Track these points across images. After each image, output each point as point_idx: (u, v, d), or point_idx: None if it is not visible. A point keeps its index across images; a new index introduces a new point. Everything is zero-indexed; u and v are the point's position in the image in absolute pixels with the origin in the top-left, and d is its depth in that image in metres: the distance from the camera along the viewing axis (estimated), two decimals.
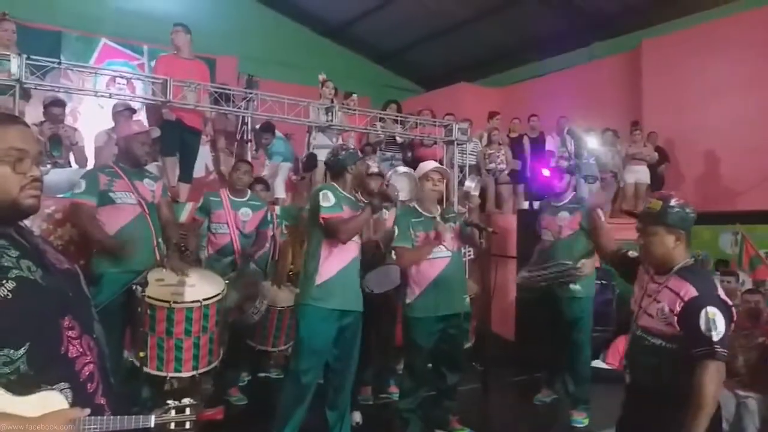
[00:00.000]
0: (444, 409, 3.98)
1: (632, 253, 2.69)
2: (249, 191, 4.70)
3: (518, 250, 6.15)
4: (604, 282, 5.80)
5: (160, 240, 3.83)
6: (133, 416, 1.49)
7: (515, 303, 6.25)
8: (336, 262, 3.35)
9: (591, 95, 10.44)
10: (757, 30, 8.76)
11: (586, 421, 4.36)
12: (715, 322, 2.22)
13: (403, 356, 4.14)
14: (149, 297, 3.48)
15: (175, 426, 1.54)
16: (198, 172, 6.21)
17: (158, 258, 3.78)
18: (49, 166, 5.05)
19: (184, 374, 3.60)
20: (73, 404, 1.43)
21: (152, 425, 1.51)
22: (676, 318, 2.30)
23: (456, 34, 12.20)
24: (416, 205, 3.80)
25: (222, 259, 4.48)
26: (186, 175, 5.65)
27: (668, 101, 9.55)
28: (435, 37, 12.48)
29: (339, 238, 3.28)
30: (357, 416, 4.06)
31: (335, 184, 3.47)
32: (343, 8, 12.31)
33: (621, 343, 5.41)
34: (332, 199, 3.30)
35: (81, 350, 1.50)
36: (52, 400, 1.39)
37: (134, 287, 3.51)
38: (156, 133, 4.72)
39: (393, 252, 3.89)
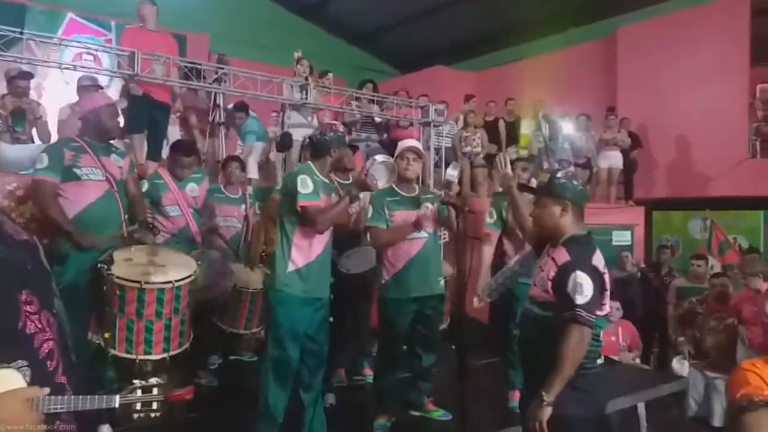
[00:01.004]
0: (419, 390, 3.94)
1: None
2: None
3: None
4: None
5: (127, 218, 3.70)
6: (96, 396, 1.41)
7: None
8: (310, 248, 3.25)
9: (567, 81, 10.46)
10: (732, 19, 8.86)
11: None
12: (582, 286, 2.26)
13: (377, 338, 4.09)
14: (118, 277, 3.36)
15: (142, 406, 1.46)
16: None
17: (125, 236, 3.65)
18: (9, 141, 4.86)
19: (155, 357, 3.49)
20: (31, 383, 1.35)
21: (116, 405, 1.42)
22: (550, 283, 2.37)
23: (433, 17, 12.10)
24: (393, 185, 3.73)
25: (180, 242, 4.29)
26: (154, 152, 5.47)
27: (642, 88, 9.63)
28: (412, 19, 12.35)
29: (316, 229, 3.18)
30: (331, 398, 4.01)
31: (313, 167, 3.34)
32: None
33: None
34: (310, 186, 3.18)
35: (40, 326, 1.41)
36: (8, 379, 1.30)
37: (100, 266, 3.37)
38: (123, 104, 4.55)
39: (367, 232, 3.81)
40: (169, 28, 5.85)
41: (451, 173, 3.79)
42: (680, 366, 5.46)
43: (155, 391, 1.47)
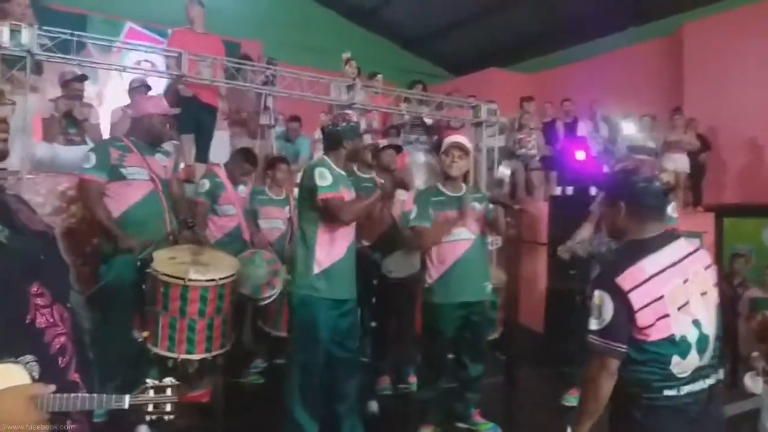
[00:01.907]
0: (466, 401, 3.75)
1: None
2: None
3: (549, 237, 5.88)
4: None
5: (171, 217, 3.69)
6: (105, 396, 1.31)
7: (546, 293, 5.97)
8: (334, 247, 3.09)
9: (627, 81, 10.01)
10: None
11: None
12: (599, 309, 1.92)
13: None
14: (164, 274, 3.34)
15: (154, 408, 1.35)
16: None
17: (169, 235, 3.64)
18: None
19: (197, 356, 3.45)
20: (40, 379, 1.26)
21: (126, 406, 1.32)
22: None
23: (487, 19, 11.83)
24: (438, 184, 3.55)
25: (230, 243, 4.32)
26: (202, 154, 5.50)
27: (711, 87, 9.09)
28: (465, 22, 12.12)
29: (341, 220, 3.02)
30: (374, 406, 3.87)
31: (328, 160, 3.19)
32: None
33: None
34: (329, 178, 3.03)
35: (51, 320, 1.33)
36: (10, 375, 1.21)
37: (140, 263, 3.38)
38: (176, 111, 4.58)
39: (412, 231, 3.65)
40: (222, 35, 5.89)
41: (504, 171, 3.59)
42: (753, 383, 5.04)
43: (169, 391, 1.36)
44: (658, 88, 9.85)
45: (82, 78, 5.22)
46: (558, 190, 7.14)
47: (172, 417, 1.37)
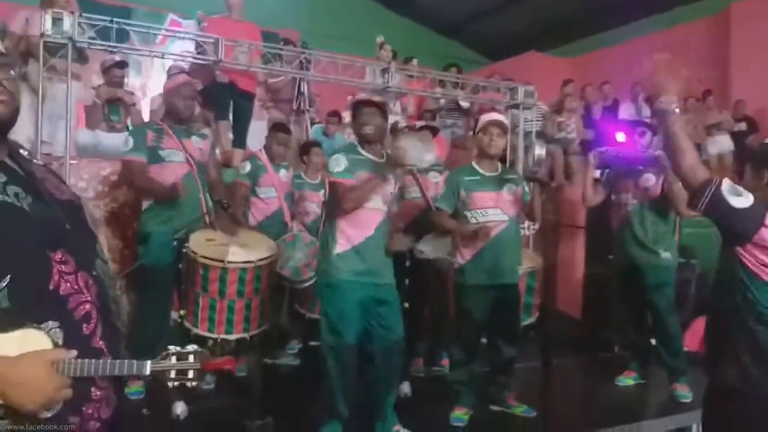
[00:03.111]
0: (500, 384, 3.70)
1: None
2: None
3: (588, 221, 5.75)
4: (682, 260, 5.31)
5: (207, 198, 3.74)
6: (126, 361, 1.33)
7: (583, 279, 5.85)
8: (357, 229, 3.05)
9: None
10: None
11: (690, 395, 3.92)
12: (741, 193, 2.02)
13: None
14: (203, 256, 3.39)
15: (177, 374, 1.36)
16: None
17: (206, 217, 3.70)
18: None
19: (235, 336, 3.52)
20: (64, 345, 1.27)
21: (148, 372, 1.33)
22: None
23: (524, 2, 11.60)
24: (474, 163, 3.49)
25: (271, 225, 4.36)
26: (239, 140, 5.55)
27: (760, 68, 8.70)
28: (502, 6, 11.94)
29: (343, 207, 3.00)
30: (406, 387, 3.85)
31: (356, 144, 3.17)
32: None
33: (699, 325, 4.96)
34: (342, 164, 3.00)
35: (76, 288, 1.34)
36: (32, 340, 1.23)
37: (176, 243, 3.44)
38: (199, 85, 4.62)
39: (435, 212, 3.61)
40: (262, 25, 5.91)
41: (540, 153, 3.47)
42: None
43: (191, 358, 1.37)
44: (705, 69, 9.48)
45: (122, 64, 5.33)
46: (597, 174, 6.98)
47: (194, 383, 1.38)
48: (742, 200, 1.98)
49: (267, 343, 4.30)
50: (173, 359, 1.36)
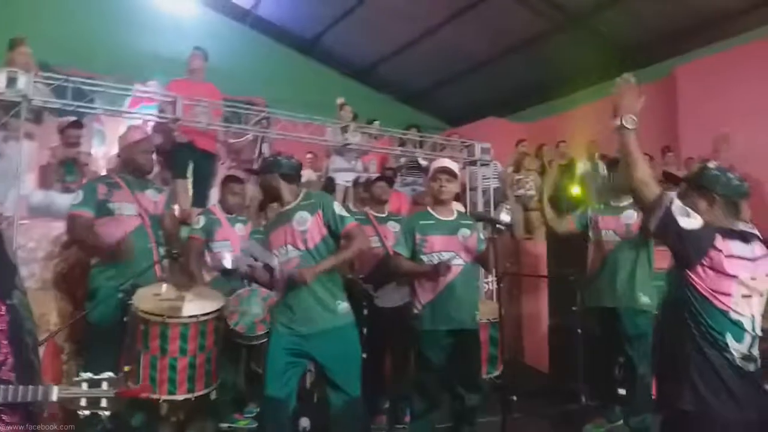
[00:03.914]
0: None
1: None
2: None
3: (549, 272, 5.76)
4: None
5: (161, 252, 3.65)
6: (31, 387, 1.23)
7: (548, 330, 5.80)
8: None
9: None
10: None
11: None
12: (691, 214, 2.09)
13: None
14: (142, 311, 3.27)
15: (87, 403, 1.26)
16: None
17: (159, 273, 3.59)
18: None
19: (179, 397, 3.33)
20: None
21: (54, 399, 1.23)
22: None
23: (483, 71, 12.09)
24: (429, 209, 3.51)
25: (228, 280, 4.25)
26: (200, 200, 5.49)
27: (706, 127, 9.08)
28: (462, 75, 12.41)
29: None
30: None
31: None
32: (368, 51, 12.49)
33: None
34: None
35: None
36: None
37: (122, 296, 3.32)
38: (158, 140, 4.60)
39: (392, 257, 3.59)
40: (227, 93, 5.97)
41: (505, 218, 3.43)
42: None
43: (104, 385, 1.27)
44: (653, 129, 9.88)
45: (78, 124, 5.31)
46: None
47: (107, 413, 1.28)
48: (692, 221, 2.02)
49: (223, 405, 4.12)
50: (84, 386, 1.27)
